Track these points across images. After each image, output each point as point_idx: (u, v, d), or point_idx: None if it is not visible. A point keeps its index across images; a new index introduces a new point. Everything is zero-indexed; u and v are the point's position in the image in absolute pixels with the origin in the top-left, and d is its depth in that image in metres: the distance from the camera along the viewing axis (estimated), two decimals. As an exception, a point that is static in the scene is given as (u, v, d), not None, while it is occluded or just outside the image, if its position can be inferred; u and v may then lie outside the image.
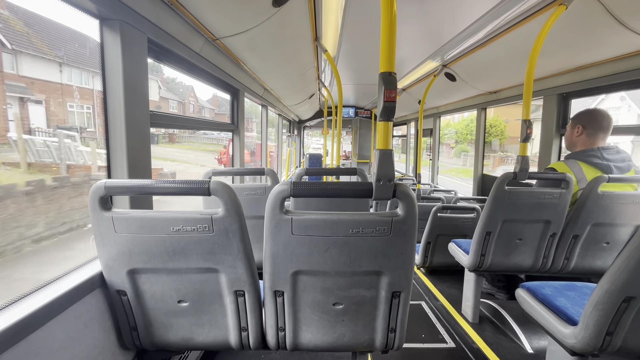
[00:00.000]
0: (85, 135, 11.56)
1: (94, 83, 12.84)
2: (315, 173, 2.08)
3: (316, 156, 8.61)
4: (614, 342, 1.16)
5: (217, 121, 3.09)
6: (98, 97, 12.54)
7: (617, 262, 1.09)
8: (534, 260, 2.02)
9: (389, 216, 0.97)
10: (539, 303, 1.47)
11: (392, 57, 0.94)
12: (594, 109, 1.98)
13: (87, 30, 18.08)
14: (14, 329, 0.81)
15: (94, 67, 12.53)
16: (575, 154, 1.98)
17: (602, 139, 1.94)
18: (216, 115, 37.66)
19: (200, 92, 51.78)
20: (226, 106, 36.46)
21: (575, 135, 1.99)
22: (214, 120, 5.77)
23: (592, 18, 1.80)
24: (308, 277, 1.06)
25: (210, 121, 3.07)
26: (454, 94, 4.22)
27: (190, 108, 32.70)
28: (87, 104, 12.61)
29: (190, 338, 1.17)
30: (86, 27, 29.30)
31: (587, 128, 1.94)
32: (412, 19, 2.35)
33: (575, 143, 2.01)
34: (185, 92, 32.13)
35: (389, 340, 1.15)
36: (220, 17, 1.67)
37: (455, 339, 2.06)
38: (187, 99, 31.84)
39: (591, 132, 1.93)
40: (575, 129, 1.99)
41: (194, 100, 33.70)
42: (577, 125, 1.98)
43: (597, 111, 1.97)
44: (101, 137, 8.92)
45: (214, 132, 14.73)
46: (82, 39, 12.60)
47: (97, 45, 1.20)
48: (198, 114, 34.17)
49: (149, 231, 0.99)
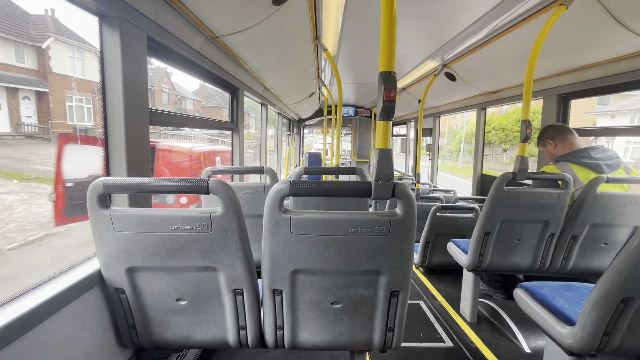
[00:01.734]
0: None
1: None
2: (315, 172, 2.08)
3: (316, 155, 8.61)
4: (611, 342, 1.16)
5: (216, 120, 3.07)
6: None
7: (615, 262, 1.09)
8: (532, 260, 2.03)
9: (387, 216, 0.97)
10: (537, 303, 1.47)
11: (392, 57, 0.94)
12: (546, 125, 2.21)
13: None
14: (12, 326, 0.81)
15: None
16: (563, 157, 2.03)
17: (576, 139, 2.06)
18: (203, 108, 32.09)
19: (183, 80, 41.85)
20: (216, 98, 31.25)
21: (552, 149, 2.12)
22: (213, 118, 5.76)
23: (593, 18, 1.80)
24: (307, 276, 1.06)
25: (210, 119, 3.07)
26: (454, 94, 4.22)
27: (164, 98, 25.09)
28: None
29: (189, 336, 1.17)
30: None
31: (555, 138, 2.10)
32: (413, 18, 2.35)
33: (556, 154, 2.10)
34: (156, 76, 24.07)
35: (387, 340, 1.15)
36: (220, 15, 1.66)
37: (453, 339, 2.06)
38: (157, 84, 24.14)
39: (562, 138, 2.07)
40: (549, 145, 2.13)
41: (169, 88, 26.46)
42: (547, 141, 2.14)
43: (551, 124, 2.20)
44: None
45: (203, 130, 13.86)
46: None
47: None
48: (175, 105, 27.80)
49: (148, 229, 0.99)
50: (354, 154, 9.75)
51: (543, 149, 2.20)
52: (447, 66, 3.46)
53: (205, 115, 27.40)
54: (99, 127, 11.75)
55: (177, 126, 2.11)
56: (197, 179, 0.96)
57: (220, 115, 30.28)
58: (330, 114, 7.93)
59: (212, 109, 32.58)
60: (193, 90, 33.06)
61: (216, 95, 33.03)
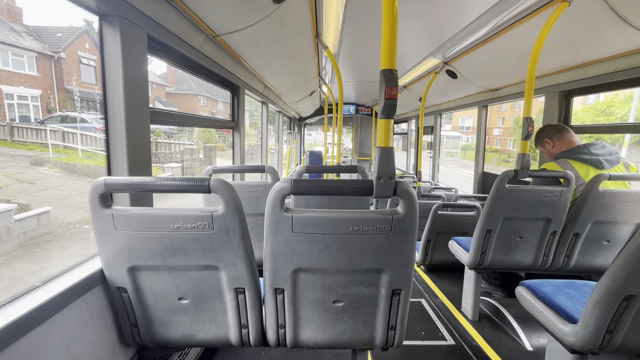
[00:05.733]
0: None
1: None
2: (316, 171, 2.08)
3: (316, 154, 8.60)
4: (613, 340, 1.16)
5: (217, 118, 3.07)
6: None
7: (617, 260, 1.09)
8: (534, 258, 2.02)
9: (389, 214, 0.97)
10: (539, 301, 1.47)
11: (394, 54, 0.94)
12: (543, 126, 2.25)
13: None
14: (14, 326, 0.82)
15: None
16: (563, 154, 2.03)
17: (574, 136, 2.07)
18: (168, 95, 25.65)
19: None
20: (189, 83, 26.39)
21: (551, 148, 2.13)
22: (213, 117, 5.70)
23: (595, 15, 1.79)
24: (308, 274, 1.06)
25: (211, 118, 3.06)
26: (455, 92, 4.21)
27: (84, 73, 15.73)
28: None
29: (191, 335, 1.17)
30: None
31: (553, 137, 2.11)
32: (414, 15, 2.34)
33: (555, 152, 2.11)
34: (66, 38, 14.85)
35: (389, 338, 1.16)
36: (221, 14, 1.66)
37: (455, 337, 2.06)
38: (65, 49, 14.62)
39: (560, 137, 2.08)
40: (547, 144, 2.14)
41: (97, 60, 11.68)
42: (545, 140, 2.15)
43: (548, 124, 2.23)
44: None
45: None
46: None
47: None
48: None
49: (149, 228, 0.99)
50: (355, 152, 9.74)
51: (542, 149, 2.21)
52: (448, 64, 3.44)
53: (173, 105, 24.62)
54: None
55: (178, 125, 2.11)
56: (199, 178, 0.96)
57: (195, 104, 26.16)
58: (331, 113, 7.91)
59: (183, 97, 26.07)
60: (160, 74, 26.46)
61: (190, 80, 26.62)
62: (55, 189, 8.58)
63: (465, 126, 34.63)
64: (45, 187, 8.56)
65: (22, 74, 13.55)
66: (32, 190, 8.25)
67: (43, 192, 8.36)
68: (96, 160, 10.99)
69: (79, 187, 9.06)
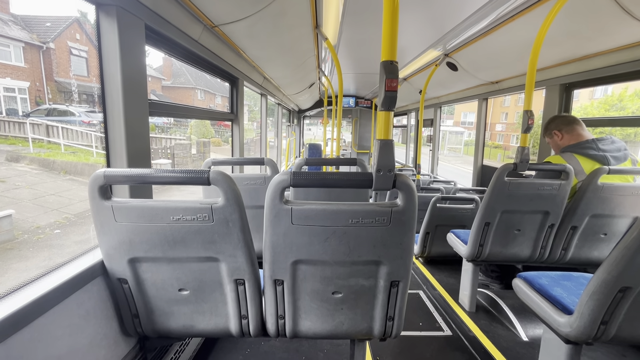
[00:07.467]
0: None
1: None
2: (315, 163, 2.08)
3: (316, 146, 8.59)
4: (608, 331, 1.18)
5: (216, 110, 3.05)
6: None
7: (614, 252, 1.10)
8: (531, 251, 2.04)
9: (388, 206, 0.97)
10: (535, 292, 1.49)
11: (394, 46, 0.93)
12: (553, 116, 2.16)
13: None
14: (17, 316, 0.83)
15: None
16: (570, 147, 1.99)
17: (584, 129, 2.02)
18: (164, 89, 24.67)
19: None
20: (186, 76, 25.76)
21: (559, 140, 2.08)
22: (212, 109, 5.69)
23: (597, 7, 1.77)
24: (308, 266, 1.07)
25: (210, 110, 3.04)
26: (455, 84, 4.18)
27: (75, 64, 14.93)
28: None
29: (191, 325, 1.18)
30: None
31: (562, 129, 2.05)
32: (415, 7, 2.31)
33: (563, 145, 2.07)
34: (55, 28, 14.30)
35: (387, 328, 1.17)
36: (220, 4, 1.63)
37: (452, 327, 2.09)
38: (54, 39, 13.99)
39: (569, 129, 2.03)
40: (555, 136, 2.09)
41: (88, 51, 15.19)
42: (554, 132, 2.09)
43: (558, 115, 2.15)
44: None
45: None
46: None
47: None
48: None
49: (149, 220, 0.99)
50: (354, 145, 9.72)
51: (549, 139, 2.14)
52: (448, 56, 3.41)
53: (169, 98, 24.15)
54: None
55: (176, 117, 2.10)
56: (198, 170, 0.96)
57: (192, 98, 25.45)
58: (330, 105, 7.87)
59: (180, 91, 25.35)
60: (156, 66, 25.65)
61: (187, 73, 25.94)
62: (29, 188, 7.70)
63: (468, 121, 34.37)
64: (17, 186, 7.66)
65: (8, 65, 12.98)
66: (1, 190, 7.28)
67: (14, 191, 7.41)
68: (78, 156, 10.13)
69: (56, 185, 8.15)
